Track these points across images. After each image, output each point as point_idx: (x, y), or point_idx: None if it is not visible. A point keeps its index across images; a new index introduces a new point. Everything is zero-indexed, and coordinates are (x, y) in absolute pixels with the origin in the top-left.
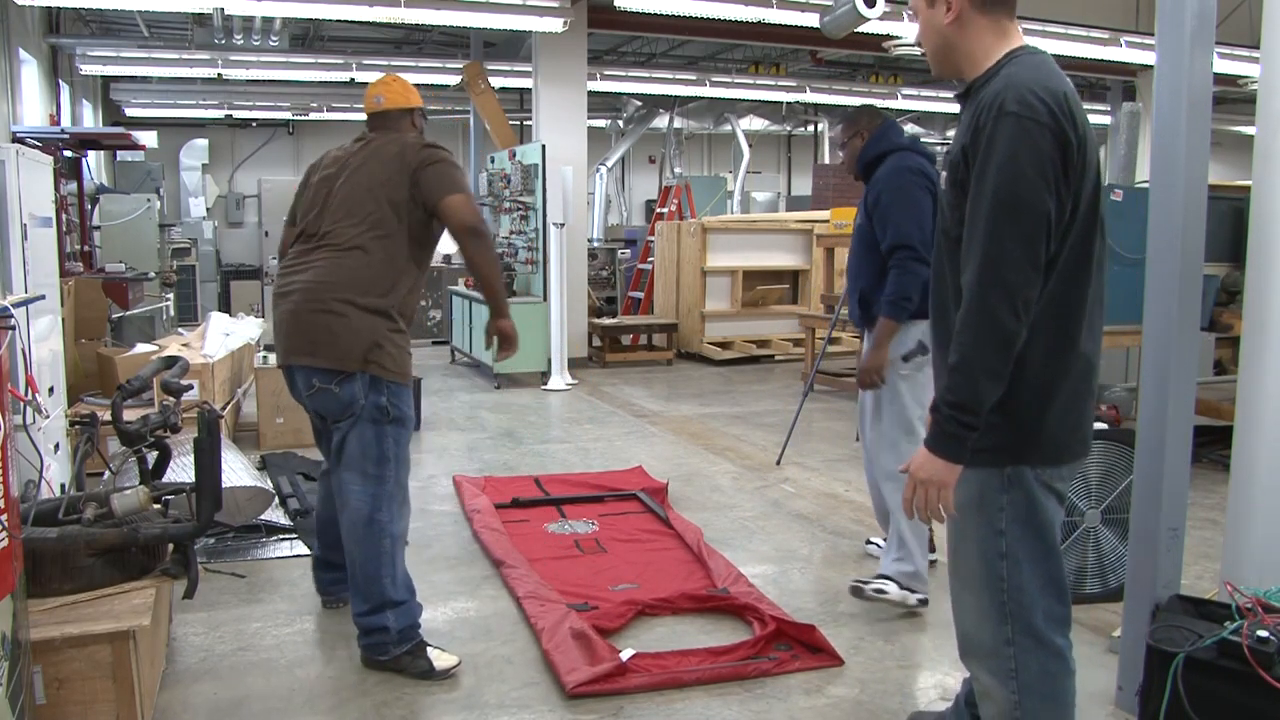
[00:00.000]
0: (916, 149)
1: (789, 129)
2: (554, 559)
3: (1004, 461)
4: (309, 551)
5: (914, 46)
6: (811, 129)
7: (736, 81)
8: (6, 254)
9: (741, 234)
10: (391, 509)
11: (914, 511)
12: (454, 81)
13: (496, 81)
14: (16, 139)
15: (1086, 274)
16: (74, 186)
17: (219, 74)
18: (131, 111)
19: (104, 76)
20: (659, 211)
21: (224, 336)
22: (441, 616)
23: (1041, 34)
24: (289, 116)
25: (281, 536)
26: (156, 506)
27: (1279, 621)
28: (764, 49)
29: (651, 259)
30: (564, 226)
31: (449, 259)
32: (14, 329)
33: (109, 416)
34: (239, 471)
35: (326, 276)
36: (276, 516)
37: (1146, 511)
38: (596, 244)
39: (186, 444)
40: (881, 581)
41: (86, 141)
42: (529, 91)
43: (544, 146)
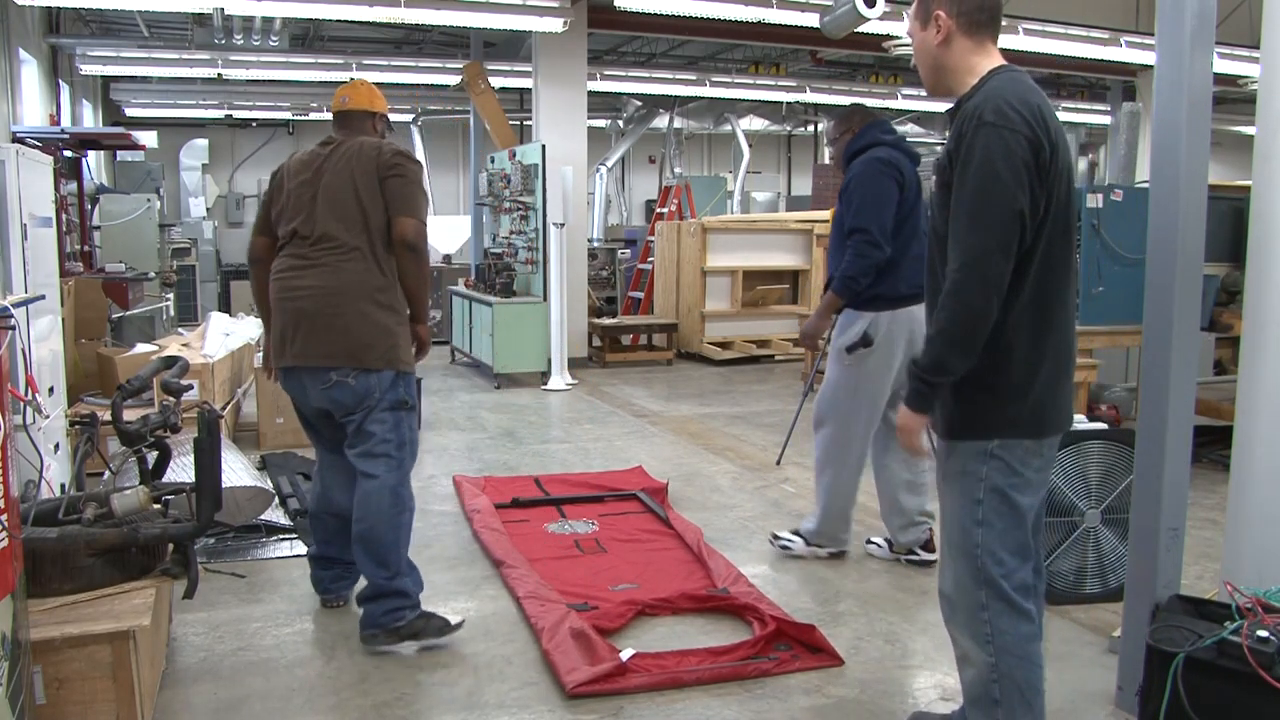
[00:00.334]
0: (898, 146)
1: (789, 129)
2: (554, 559)
3: (991, 435)
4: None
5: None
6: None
7: (736, 81)
8: (6, 254)
9: (741, 234)
10: (409, 486)
11: (911, 450)
12: (454, 81)
13: (496, 81)
14: (16, 139)
15: (1066, 265)
16: (74, 186)
17: (219, 74)
18: (131, 111)
19: (104, 76)
20: (659, 211)
21: (224, 336)
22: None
23: (1041, 34)
24: (289, 116)
25: (281, 536)
26: (156, 506)
27: (1279, 621)
28: (764, 49)
29: (651, 259)
30: (564, 226)
31: (449, 259)
32: (14, 329)
33: (109, 416)
34: (239, 471)
35: (340, 280)
36: (276, 516)
37: (1146, 511)
38: (596, 244)
39: (186, 444)
40: (790, 536)
41: (86, 141)
42: (529, 91)
43: (544, 146)
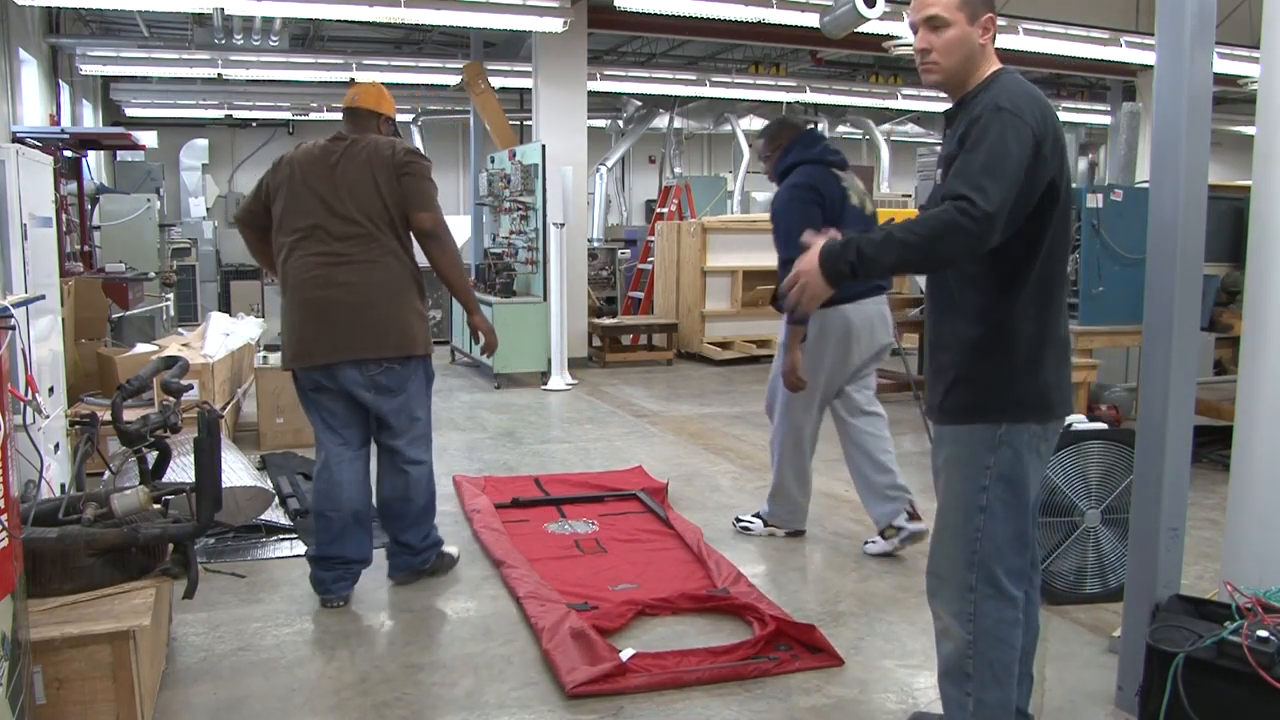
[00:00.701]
0: (822, 159)
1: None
2: (554, 559)
3: (1000, 419)
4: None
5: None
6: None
7: (736, 81)
8: (6, 254)
9: (741, 234)
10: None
11: (790, 297)
12: (454, 81)
13: (496, 81)
14: (16, 139)
15: (1066, 255)
16: (74, 186)
17: (219, 74)
18: (131, 111)
19: (104, 76)
20: (659, 211)
21: (224, 336)
22: (442, 615)
23: (1041, 34)
24: (289, 116)
25: (281, 536)
26: (156, 506)
27: (1279, 621)
28: (764, 49)
29: (651, 259)
30: (564, 226)
31: None
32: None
33: (109, 416)
34: (239, 471)
35: (379, 275)
36: (276, 516)
37: (1146, 511)
38: (596, 244)
39: (186, 444)
40: (751, 520)
41: (86, 141)
42: (529, 91)
43: (544, 146)
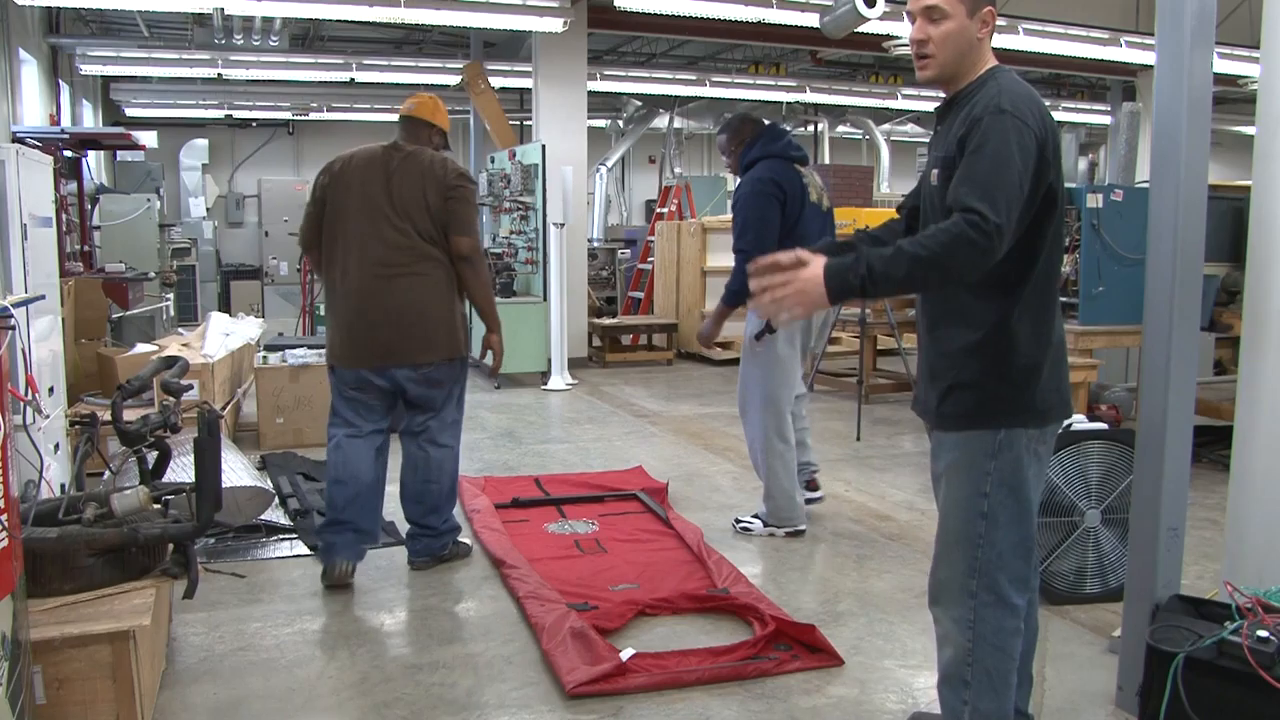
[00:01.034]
0: (785, 154)
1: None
2: (554, 559)
3: (999, 424)
4: (309, 551)
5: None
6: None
7: (736, 81)
8: (6, 254)
9: None
10: None
11: (767, 295)
12: (454, 81)
13: (496, 81)
14: (16, 139)
15: (1060, 262)
16: (74, 186)
17: (219, 74)
18: (131, 111)
19: (104, 76)
20: (659, 211)
21: (224, 336)
22: (442, 615)
23: (1041, 34)
24: (289, 116)
25: (281, 536)
26: (156, 506)
27: (1279, 621)
28: (764, 49)
29: (651, 259)
30: (564, 226)
31: None
32: (14, 329)
33: (109, 416)
34: (239, 471)
35: (430, 287)
36: (276, 516)
37: (1146, 511)
38: (596, 244)
39: (186, 444)
40: (751, 520)
41: (86, 141)
42: (529, 91)
43: (544, 146)
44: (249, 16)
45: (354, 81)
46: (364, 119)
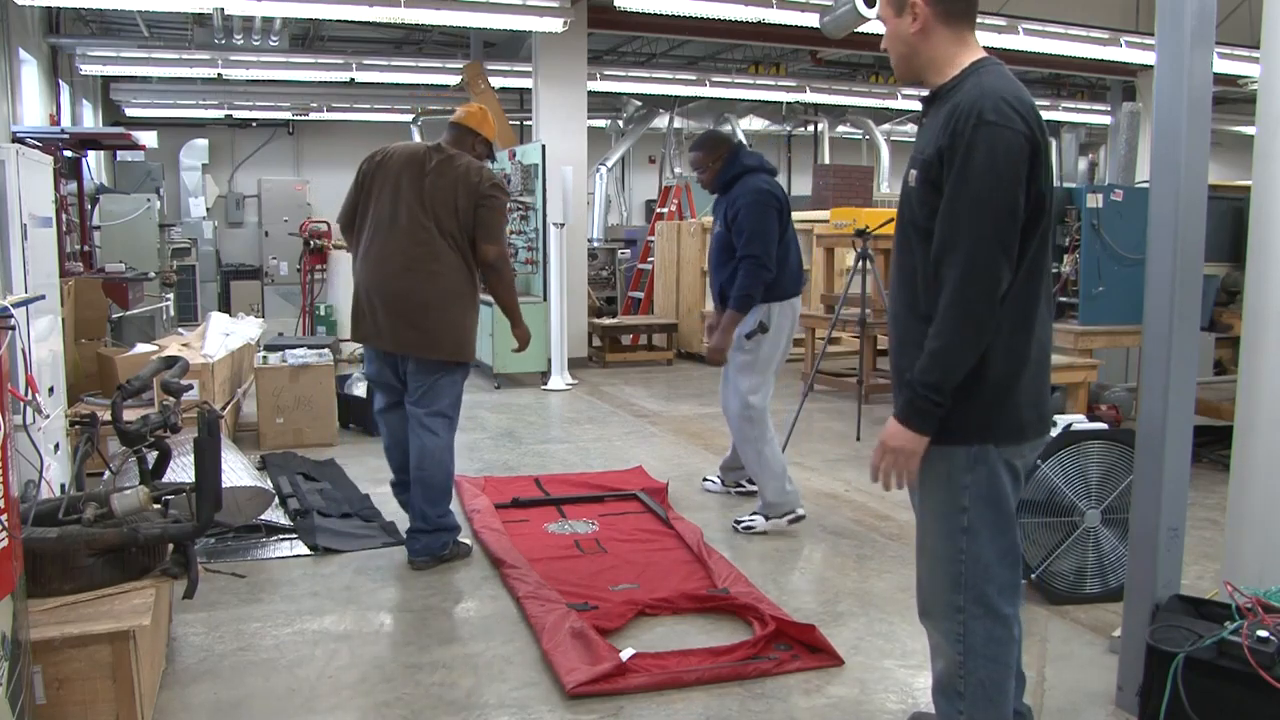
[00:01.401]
0: (764, 168)
1: (789, 129)
2: (554, 559)
3: (972, 440)
4: (309, 551)
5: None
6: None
7: (736, 81)
8: (6, 254)
9: None
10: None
11: (881, 478)
12: (454, 81)
13: (496, 81)
14: (16, 139)
15: (1045, 266)
16: (74, 186)
17: (219, 74)
18: (131, 111)
19: (104, 76)
20: (659, 211)
21: (224, 336)
22: (442, 615)
23: (1041, 34)
24: (289, 116)
25: (281, 536)
26: (156, 506)
27: (1279, 621)
28: (764, 49)
29: (651, 259)
30: (564, 226)
31: None
32: (14, 329)
33: (109, 416)
34: (239, 471)
35: (443, 286)
36: (276, 516)
37: (1146, 511)
38: (596, 244)
39: (186, 444)
40: (751, 518)
41: (86, 141)
42: (529, 91)
43: (544, 146)
44: (249, 16)
45: (354, 81)
46: (364, 119)
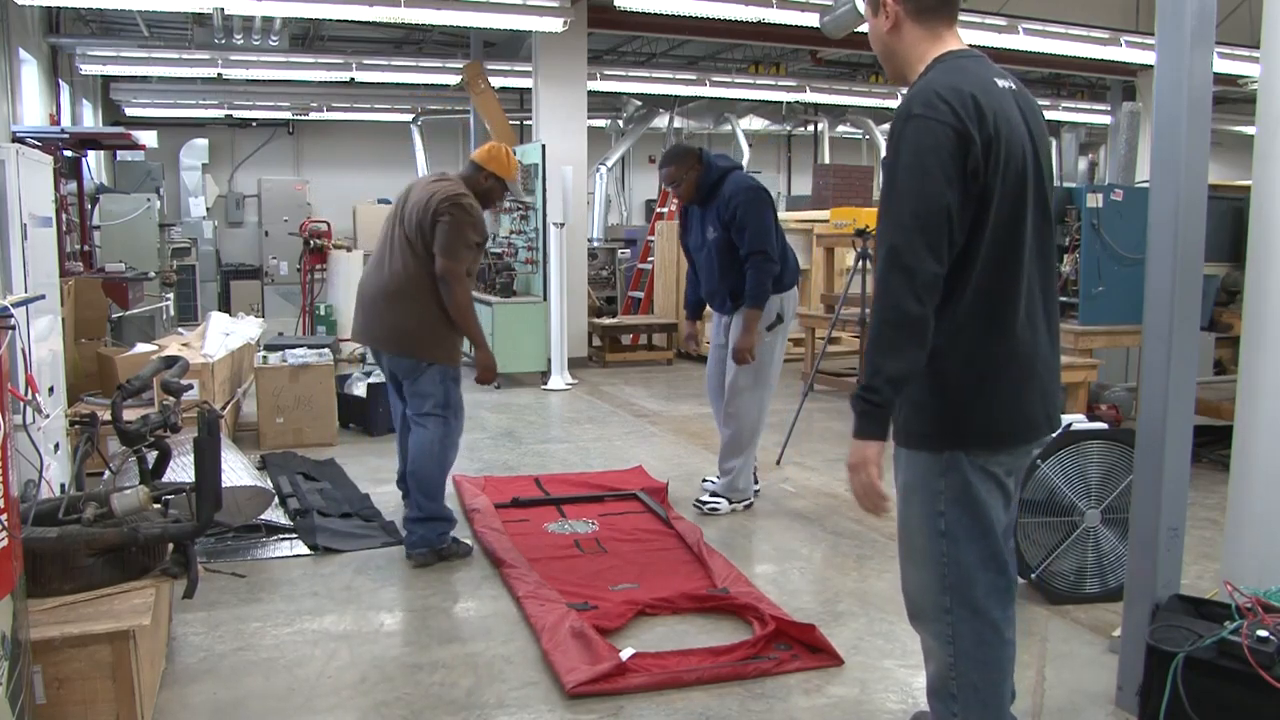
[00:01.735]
0: (739, 167)
1: (789, 129)
2: (554, 559)
3: (941, 447)
4: (309, 550)
5: None
6: (811, 129)
7: (736, 81)
8: (6, 254)
9: None
10: (454, 438)
11: (861, 504)
12: (454, 81)
13: (496, 81)
14: (16, 139)
15: (1017, 264)
16: (74, 186)
17: (219, 74)
18: (131, 111)
19: (104, 76)
20: (659, 211)
21: (224, 336)
22: (442, 615)
23: (1041, 34)
24: (289, 116)
25: (281, 536)
26: (156, 506)
27: (1279, 621)
28: (764, 49)
29: (651, 259)
30: (564, 226)
31: None
32: (14, 329)
33: (109, 416)
34: (239, 471)
35: (394, 289)
36: (276, 516)
37: (1146, 511)
38: (596, 244)
39: (186, 444)
40: (715, 500)
41: (86, 141)
42: (529, 91)
43: (544, 146)
44: (249, 16)
45: (354, 81)
46: (364, 119)
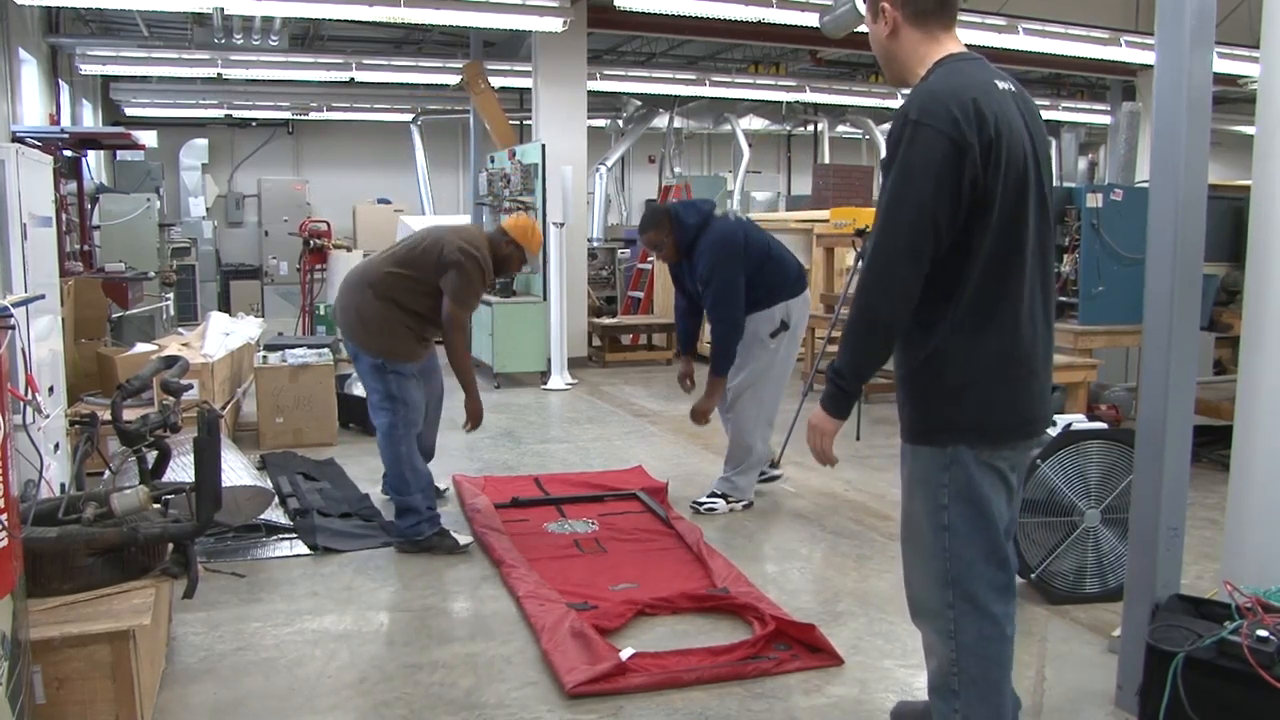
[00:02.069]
0: (708, 216)
1: (789, 129)
2: (554, 559)
3: (941, 442)
4: (309, 550)
5: None
6: (811, 129)
7: (736, 81)
8: (6, 254)
9: None
10: (401, 430)
11: (811, 450)
12: (454, 81)
13: (496, 81)
14: (16, 139)
15: (1019, 266)
16: (74, 186)
17: (219, 74)
18: (131, 111)
19: (104, 76)
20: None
21: (224, 336)
22: (442, 615)
23: (1041, 34)
24: (289, 116)
25: (281, 536)
26: (156, 506)
27: (1279, 621)
28: (764, 49)
29: (651, 259)
30: (564, 226)
31: None
32: (14, 329)
33: (109, 416)
34: (239, 471)
35: (372, 302)
36: (276, 516)
37: (1146, 511)
38: (596, 244)
39: (186, 444)
40: (712, 500)
41: (86, 141)
42: (529, 91)
43: (544, 146)
44: (249, 16)
45: (354, 81)
46: (364, 119)
